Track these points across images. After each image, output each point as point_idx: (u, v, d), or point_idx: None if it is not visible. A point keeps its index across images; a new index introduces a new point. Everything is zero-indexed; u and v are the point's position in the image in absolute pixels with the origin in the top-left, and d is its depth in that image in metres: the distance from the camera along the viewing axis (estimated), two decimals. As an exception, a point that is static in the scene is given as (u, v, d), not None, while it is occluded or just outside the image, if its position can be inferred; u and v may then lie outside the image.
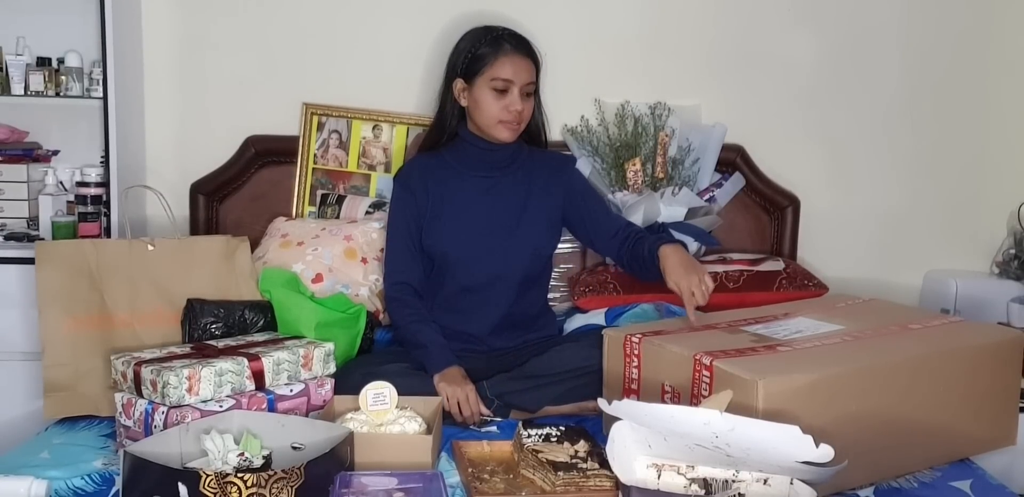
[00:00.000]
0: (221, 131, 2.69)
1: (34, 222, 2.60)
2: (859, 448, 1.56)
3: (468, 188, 2.23)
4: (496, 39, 2.18)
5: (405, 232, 2.23)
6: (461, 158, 2.25)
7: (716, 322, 1.96)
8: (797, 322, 1.94)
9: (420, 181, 2.24)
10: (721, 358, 1.67)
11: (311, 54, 2.70)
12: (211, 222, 2.67)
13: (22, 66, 2.55)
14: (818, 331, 1.87)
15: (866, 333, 1.85)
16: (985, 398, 1.86)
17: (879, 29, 2.78)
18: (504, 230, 2.22)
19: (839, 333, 1.85)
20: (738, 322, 1.95)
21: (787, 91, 2.78)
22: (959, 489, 1.69)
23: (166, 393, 1.70)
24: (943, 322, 1.98)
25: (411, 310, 2.17)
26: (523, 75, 2.15)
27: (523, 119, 2.18)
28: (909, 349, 1.80)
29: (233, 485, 1.38)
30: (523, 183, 2.25)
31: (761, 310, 2.07)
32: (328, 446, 1.54)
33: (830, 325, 1.90)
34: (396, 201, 2.27)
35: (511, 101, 2.14)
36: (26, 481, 1.51)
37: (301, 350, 1.90)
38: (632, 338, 1.85)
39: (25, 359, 2.38)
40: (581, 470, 1.58)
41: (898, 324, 1.93)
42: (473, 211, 2.22)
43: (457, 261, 2.20)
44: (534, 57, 2.20)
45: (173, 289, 2.11)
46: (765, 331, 1.87)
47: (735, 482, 1.50)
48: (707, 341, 1.81)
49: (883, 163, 2.82)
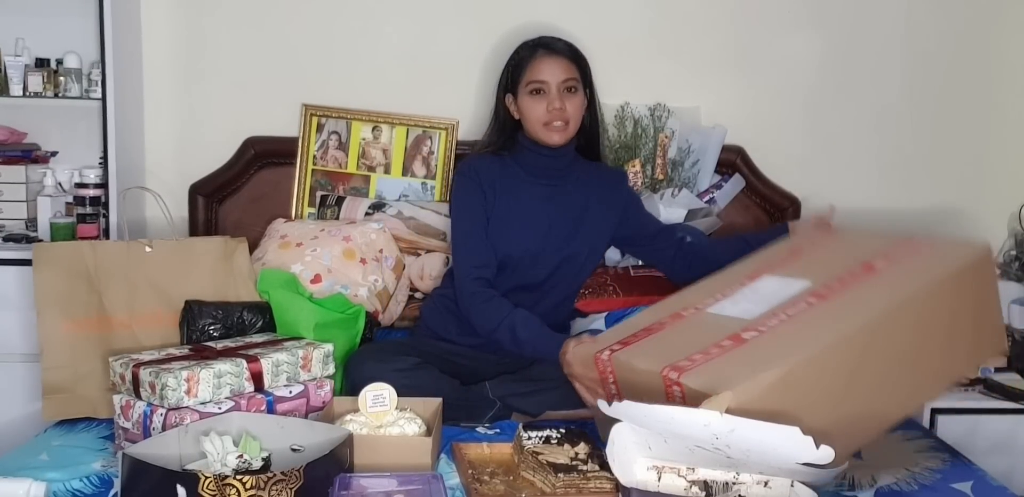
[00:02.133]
0: (220, 132, 2.69)
1: (32, 223, 2.60)
2: (857, 413, 1.55)
3: (531, 193, 2.22)
4: (529, 47, 2.19)
5: (481, 223, 2.18)
6: (522, 163, 2.23)
7: (684, 306, 1.88)
8: (763, 285, 1.86)
9: (487, 177, 2.21)
10: (688, 370, 1.61)
11: (310, 55, 2.70)
12: (210, 223, 2.67)
13: (21, 67, 2.55)
14: (784, 295, 1.78)
15: (832, 287, 1.76)
16: (969, 320, 1.80)
17: (879, 31, 2.78)
18: (563, 238, 2.20)
19: (805, 294, 1.76)
20: (705, 301, 1.87)
21: (787, 92, 2.78)
22: (960, 491, 1.69)
23: (165, 395, 1.70)
24: (907, 249, 1.85)
25: (496, 304, 2.09)
26: (557, 73, 2.14)
27: (568, 117, 2.15)
28: (882, 301, 1.70)
29: (232, 487, 1.38)
30: (582, 194, 2.23)
31: (729, 274, 1.98)
32: (327, 448, 1.53)
33: (796, 283, 1.80)
34: (464, 193, 2.21)
35: (550, 100, 2.14)
36: (25, 483, 1.51)
37: (300, 351, 1.89)
38: (602, 357, 1.79)
39: (24, 361, 2.38)
40: (581, 472, 1.58)
41: (862, 263, 1.82)
42: (536, 216, 2.20)
43: (519, 262, 2.18)
44: (571, 55, 2.18)
45: (171, 291, 2.11)
46: (732, 309, 1.80)
47: (735, 484, 1.50)
48: (674, 342, 1.74)
49: (883, 165, 2.82)
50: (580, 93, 2.18)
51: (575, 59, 2.19)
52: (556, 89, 2.14)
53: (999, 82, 2.81)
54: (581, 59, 2.21)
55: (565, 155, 2.22)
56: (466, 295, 2.14)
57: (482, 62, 2.66)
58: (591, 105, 2.24)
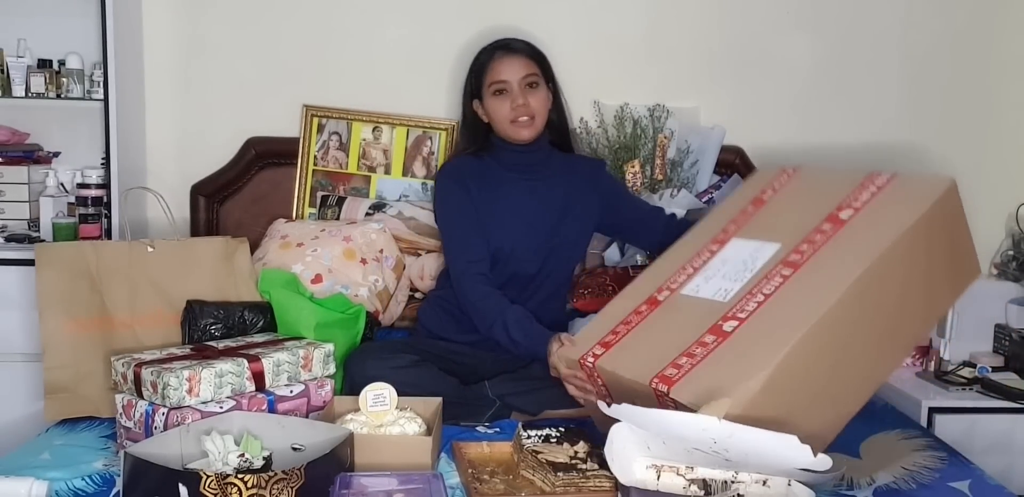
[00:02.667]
0: (221, 133, 2.70)
1: (35, 224, 2.61)
2: (849, 380, 1.55)
3: (513, 188, 2.25)
4: (488, 51, 2.23)
5: (471, 219, 2.19)
6: (500, 161, 2.26)
7: (658, 287, 1.83)
8: (733, 253, 1.81)
9: (468, 175, 2.24)
10: (676, 381, 1.58)
11: (311, 56, 2.71)
12: (211, 224, 2.68)
13: (23, 68, 2.56)
14: (756, 264, 1.74)
15: (804, 252, 1.71)
16: (943, 255, 1.77)
17: (878, 32, 2.79)
18: (549, 229, 2.23)
19: (778, 262, 1.72)
20: (677, 278, 1.83)
21: (786, 93, 2.79)
22: (958, 490, 1.69)
23: (166, 394, 1.71)
24: (871, 193, 1.79)
25: (492, 302, 2.10)
26: (517, 71, 2.18)
27: (533, 112, 2.19)
28: (857, 263, 1.65)
29: (233, 486, 1.39)
30: (562, 185, 2.26)
31: (696, 237, 1.93)
32: (328, 447, 1.54)
33: (766, 247, 1.76)
34: (448, 193, 2.24)
35: (513, 97, 2.17)
36: (27, 482, 1.52)
37: (301, 351, 1.90)
38: (586, 362, 1.78)
39: (26, 361, 2.38)
40: (581, 471, 1.59)
41: (829, 216, 1.77)
42: (520, 210, 2.23)
43: (508, 256, 2.20)
44: (529, 52, 2.22)
45: (173, 290, 2.12)
46: (706, 288, 1.75)
47: (734, 483, 1.50)
48: (654, 340, 1.71)
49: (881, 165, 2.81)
50: (543, 88, 2.22)
51: (534, 56, 2.22)
52: (518, 86, 2.17)
53: (996, 83, 2.81)
54: (540, 56, 2.24)
55: (539, 149, 2.26)
56: (465, 291, 2.16)
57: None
58: (556, 100, 2.28)
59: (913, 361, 2.66)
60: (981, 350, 2.61)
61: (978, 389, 2.42)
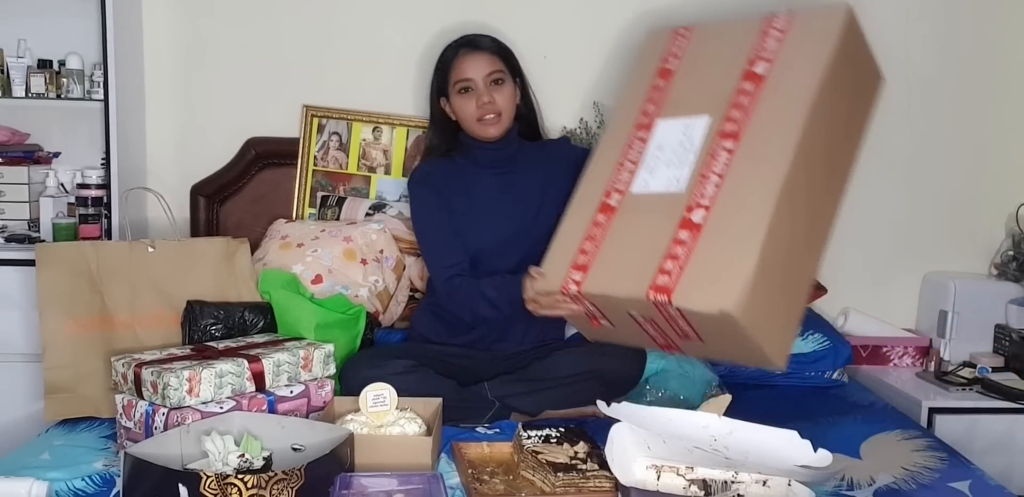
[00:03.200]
0: (222, 133, 2.70)
1: (35, 224, 2.61)
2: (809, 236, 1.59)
3: (487, 186, 2.24)
4: (452, 48, 2.23)
5: (445, 225, 2.20)
6: (472, 160, 2.26)
7: (605, 191, 1.79)
8: (664, 137, 1.76)
9: (440, 179, 2.24)
10: (673, 289, 1.55)
11: (311, 56, 2.71)
12: (211, 224, 2.68)
13: (23, 68, 2.56)
14: (695, 143, 1.70)
15: (736, 119, 1.68)
16: (854, 79, 1.77)
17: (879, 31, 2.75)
18: (528, 222, 2.20)
19: (714, 134, 1.69)
20: (620, 177, 1.78)
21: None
22: (958, 490, 1.69)
23: (166, 394, 1.71)
24: (777, 40, 1.75)
25: (466, 288, 2.12)
26: (481, 68, 2.18)
27: (499, 109, 2.18)
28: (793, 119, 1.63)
29: (234, 486, 1.39)
30: (537, 175, 2.24)
31: (618, 128, 1.88)
32: (328, 447, 1.54)
33: (695, 122, 1.72)
34: (421, 201, 2.25)
35: (478, 95, 2.17)
36: (27, 482, 1.52)
37: (301, 351, 1.90)
38: (569, 291, 1.73)
39: (26, 361, 2.38)
40: (581, 471, 1.58)
41: (743, 73, 1.73)
42: (496, 206, 2.23)
43: (490, 253, 2.19)
44: (493, 48, 2.21)
45: (173, 291, 2.12)
46: (655, 182, 1.71)
47: (734, 483, 1.51)
48: (630, 250, 1.67)
49: (882, 165, 2.82)
50: (509, 84, 2.21)
51: (498, 52, 2.22)
52: (483, 84, 2.17)
53: (998, 83, 2.81)
54: (505, 51, 2.24)
55: (510, 144, 2.25)
56: (444, 294, 2.18)
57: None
58: (525, 93, 2.28)
59: (913, 361, 2.67)
60: (981, 350, 2.61)
61: (978, 389, 2.42)
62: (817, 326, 2.45)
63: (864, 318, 2.73)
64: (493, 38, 2.25)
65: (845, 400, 2.28)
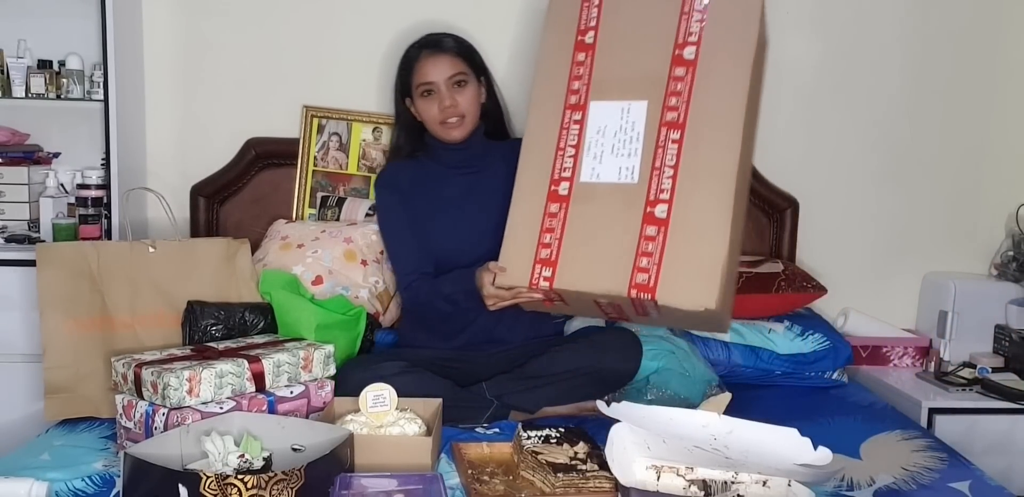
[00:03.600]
0: (222, 133, 2.70)
1: (35, 224, 2.61)
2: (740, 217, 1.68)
3: (453, 186, 2.24)
4: (415, 48, 2.23)
5: (406, 232, 2.22)
6: (438, 160, 2.27)
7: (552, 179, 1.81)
8: (602, 121, 1.78)
9: (406, 183, 2.25)
10: (654, 285, 1.62)
11: (311, 56, 2.71)
12: (211, 224, 2.68)
13: (23, 68, 2.56)
14: (636, 129, 1.73)
15: (675, 106, 1.73)
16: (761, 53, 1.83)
17: (879, 32, 2.79)
18: (495, 224, 2.10)
19: (657, 123, 1.73)
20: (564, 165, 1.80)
21: (786, 93, 2.78)
22: (958, 490, 1.69)
23: (166, 395, 1.71)
24: (699, 22, 1.78)
25: (425, 288, 2.13)
26: (443, 70, 2.17)
27: (462, 111, 2.18)
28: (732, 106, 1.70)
29: (233, 487, 1.39)
30: (504, 174, 2.14)
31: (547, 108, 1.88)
32: (328, 448, 1.54)
33: (633, 107, 1.75)
34: (385, 206, 2.27)
35: (441, 99, 2.17)
36: (27, 483, 1.52)
37: (301, 352, 1.90)
38: (540, 286, 1.77)
39: (26, 361, 2.38)
40: (580, 472, 1.58)
41: (675, 59, 1.76)
42: (463, 207, 2.22)
43: (458, 256, 2.18)
44: (456, 49, 2.20)
45: (174, 291, 2.12)
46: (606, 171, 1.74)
47: (734, 483, 1.51)
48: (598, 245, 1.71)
49: (882, 165, 2.83)
50: (472, 85, 2.20)
51: (460, 52, 2.21)
52: (445, 87, 2.17)
53: (997, 83, 2.81)
54: (468, 50, 2.23)
55: (475, 144, 2.25)
56: (406, 299, 2.21)
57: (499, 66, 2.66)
58: (491, 92, 2.27)
59: (913, 362, 2.67)
60: (981, 351, 2.61)
61: (978, 390, 2.42)
62: (817, 326, 2.45)
63: (864, 318, 2.73)
64: (456, 37, 2.24)
65: (845, 400, 2.28)
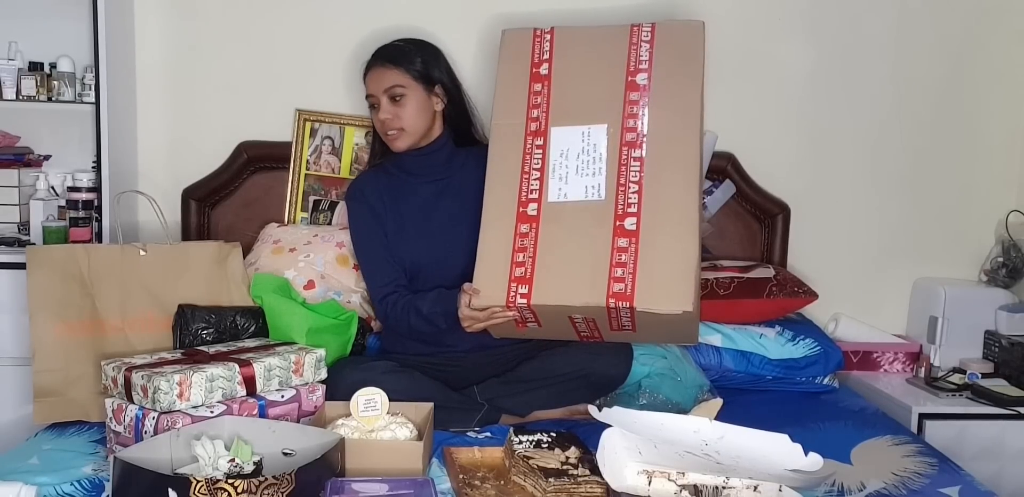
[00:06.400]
0: (213, 137, 2.69)
1: (25, 227, 2.60)
2: None
3: (422, 193, 2.23)
4: (371, 58, 2.22)
5: (379, 243, 2.20)
6: (404, 168, 2.25)
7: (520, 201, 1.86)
8: (562, 143, 1.85)
9: (374, 195, 2.23)
10: (631, 293, 1.69)
11: (304, 60, 2.71)
12: (203, 228, 2.67)
13: (14, 71, 2.55)
14: (598, 150, 1.81)
15: (633, 127, 1.83)
16: None
17: (869, 40, 2.80)
18: (467, 231, 2.08)
19: (618, 143, 1.82)
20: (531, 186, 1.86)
21: (778, 99, 2.80)
22: (948, 495, 1.70)
23: (157, 399, 1.70)
24: (648, 51, 1.89)
25: (401, 305, 2.11)
26: (381, 83, 2.16)
27: (400, 124, 2.15)
28: (686, 124, 1.81)
29: (224, 491, 1.38)
30: (472, 181, 2.12)
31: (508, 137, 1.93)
32: (319, 452, 1.54)
33: (594, 130, 1.84)
34: (357, 217, 2.25)
35: (380, 111, 2.17)
36: (15, 487, 1.51)
37: (292, 356, 1.90)
38: (517, 303, 1.81)
39: (15, 364, 2.37)
40: (572, 477, 1.58)
41: (629, 84, 1.86)
42: (433, 215, 2.21)
43: (429, 265, 2.17)
44: (397, 59, 2.17)
45: (165, 295, 2.11)
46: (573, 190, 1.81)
47: (725, 488, 1.51)
48: (572, 261, 1.77)
49: (872, 171, 2.84)
50: (413, 97, 2.15)
51: (402, 62, 2.16)
52: (384, 99, 2.16)
53: (987, 91, 2.82)
54: (412, 60, 2.17)
55: (439, 150, 2.22)
56: (381, 313, 2.19)
57: (480, 68, 2.66)
58: (454, 98, 2.22)
59: (904, 367, 2.68)
60: (971, 356, 2.62)
61: (968, 395, 2.43)
62: (808, 332, 2.45)
63: (855, 324, 2.73)
64: (401, 47, 2.20)
65: (836, 406, 2.29)
